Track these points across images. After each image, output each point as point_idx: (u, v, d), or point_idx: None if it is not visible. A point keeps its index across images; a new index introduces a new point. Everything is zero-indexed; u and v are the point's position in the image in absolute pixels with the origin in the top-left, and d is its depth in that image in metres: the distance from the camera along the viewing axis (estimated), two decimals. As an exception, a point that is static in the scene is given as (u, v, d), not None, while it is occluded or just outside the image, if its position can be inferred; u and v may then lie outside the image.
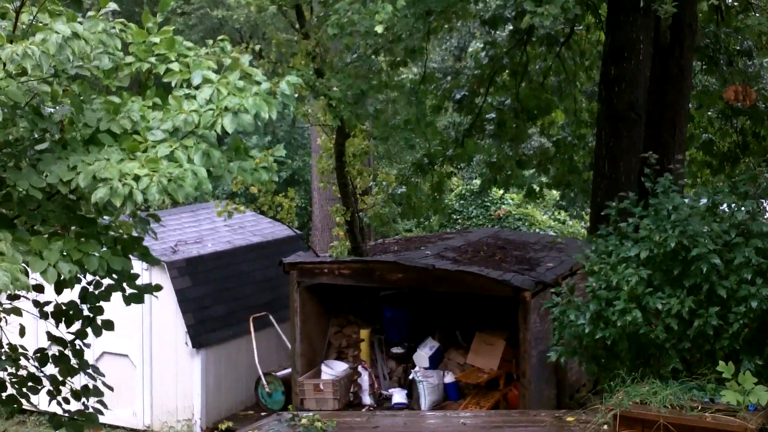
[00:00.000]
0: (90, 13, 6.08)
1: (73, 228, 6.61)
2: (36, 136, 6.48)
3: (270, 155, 6.38)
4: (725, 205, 8.63)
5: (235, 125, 5.90)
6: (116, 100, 6.18)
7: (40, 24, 6.13)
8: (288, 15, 11.92)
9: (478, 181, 20.96)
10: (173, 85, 6.14)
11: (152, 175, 5.66)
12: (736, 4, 12.79)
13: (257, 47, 11.26)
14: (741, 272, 8.06)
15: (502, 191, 21.97)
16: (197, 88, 6.05)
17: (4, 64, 5.63)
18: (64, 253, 6.06)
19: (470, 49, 16.66)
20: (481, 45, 15.57)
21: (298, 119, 22.61)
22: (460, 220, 24.64)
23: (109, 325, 7.87)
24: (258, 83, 6.09)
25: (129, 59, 6.17)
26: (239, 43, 11.22)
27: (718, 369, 7.70)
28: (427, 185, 15.13)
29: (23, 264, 5.88)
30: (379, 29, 7.28)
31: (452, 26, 13.88)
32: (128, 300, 7.66)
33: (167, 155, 5.79)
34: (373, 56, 10.28)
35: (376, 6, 7.86)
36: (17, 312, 7.96)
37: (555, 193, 21.50)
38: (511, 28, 14.90)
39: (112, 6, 6.24)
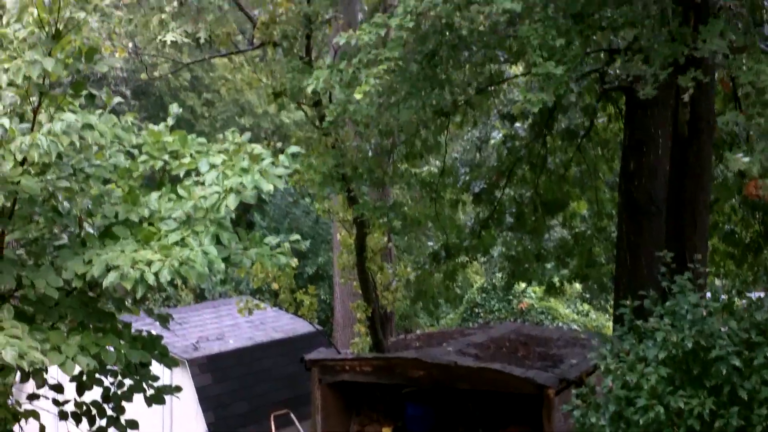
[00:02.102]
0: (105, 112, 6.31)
1: (91, 325, 6.67)
2: (56, 231, 6.63)
3: (288, 242, 6.65)
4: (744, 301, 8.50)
5: (237, 202, 6.19)
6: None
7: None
8: (309, 115, 12.13)
9: (500, 275, 20.86)
10: (181, 175, 6.38)
11: (164, 259, 5.82)
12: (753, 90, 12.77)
13: (279, 144, 11.45)
14: (762, 373, 7.88)
15: (524, 285, 21.81)
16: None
17: (16, 158, 5.78)
18: (83, 347, 6.15)
19: (492, 141, 16.78)
20: (501, 136, 15.71)
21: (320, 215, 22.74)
22: (482, 314, 24.46)
23: (134, 425, 7.86)
24: (263, 159, 6.38)
25: (143, 158, 6.36)
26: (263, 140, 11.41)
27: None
28: (440, 275, 15.10)
29: (42, 354, 5.93)
30: (358, 96, 7.54)
31: (475, 119, 14.08)
32: (149, 401, 7.67)
33: (179, 241, 5.97)
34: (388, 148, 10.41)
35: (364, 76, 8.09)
36: (35, 415, 7.95)
37: (578, 286, 21.34)
38: (530, 121, 15.02)
39: (118, 99, 6.50)
